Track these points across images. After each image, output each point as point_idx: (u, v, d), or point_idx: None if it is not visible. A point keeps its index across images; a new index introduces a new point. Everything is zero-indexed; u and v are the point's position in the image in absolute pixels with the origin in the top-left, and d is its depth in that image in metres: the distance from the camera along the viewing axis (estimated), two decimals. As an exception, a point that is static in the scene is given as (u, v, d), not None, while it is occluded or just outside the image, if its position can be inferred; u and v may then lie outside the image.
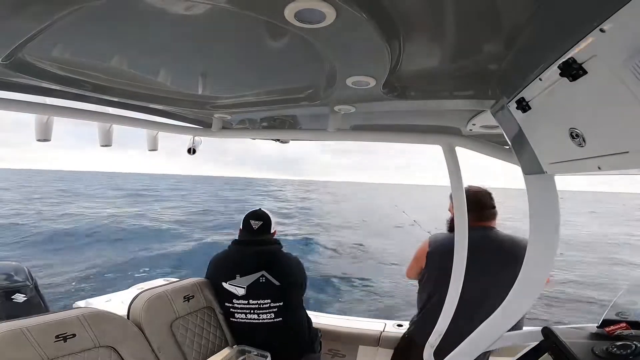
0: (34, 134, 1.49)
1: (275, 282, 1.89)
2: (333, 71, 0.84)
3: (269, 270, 1.90)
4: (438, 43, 0.71)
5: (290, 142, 2.02)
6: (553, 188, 0.97)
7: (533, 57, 0.67)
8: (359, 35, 0.63)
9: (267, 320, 1.88)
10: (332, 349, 2.41)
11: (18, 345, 1.17)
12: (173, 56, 0.89)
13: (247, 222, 2.05)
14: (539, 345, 1.12)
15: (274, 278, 1.89)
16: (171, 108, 1.48)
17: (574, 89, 0.59)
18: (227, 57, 0.89)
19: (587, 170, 0.70)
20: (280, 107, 1.30)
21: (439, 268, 1.82)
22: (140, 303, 1.63)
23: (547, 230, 1.02)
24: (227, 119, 1.60)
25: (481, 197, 1.90)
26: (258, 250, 1.97)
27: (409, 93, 1.01)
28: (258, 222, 2.03)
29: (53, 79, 1.00)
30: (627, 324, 1.04)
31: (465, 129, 1.39)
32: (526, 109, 0.79)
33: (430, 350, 1.64)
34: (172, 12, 0.64)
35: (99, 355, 1.36)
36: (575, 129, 0.65)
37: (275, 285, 1.89)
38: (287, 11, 0.54)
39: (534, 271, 1.08)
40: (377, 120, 1.53)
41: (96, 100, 1.31)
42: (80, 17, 0.64)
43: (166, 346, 1.62)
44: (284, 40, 0.73)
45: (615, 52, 0.48)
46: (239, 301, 1.89)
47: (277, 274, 1.91)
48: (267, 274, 1.89)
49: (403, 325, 2.40)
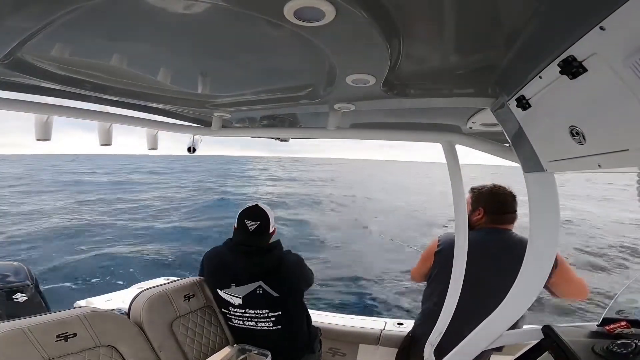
0: (34, 133, 1.49)
1: (273, 293, 1.75)
2: (333, 69, 0.84)
3: (266, 281, 1.75)
4: (438, 41, 0.71)
5: (290, 140, 2.02)
6: (553, 186, 0.97)
7: (533, 55, 0.67)
8: (358, 33, 0.63)
9: (266, 328, 1.80)
10: (333, 348, 2.42)
11: (19, 345, 1.17)
12: (173, 55, 0.89)
13: (242, 222, 1.80)
14: (539, 344, 1.12)
15: (272, 289, 1.75)
16: (171, 107, 1.48)
17: (574, 86, 0.59)
18: (226, 56, 0.89)
19: (587, 168, 0.70)
20: (280, 106, 1.30)
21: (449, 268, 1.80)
22: (141, 302, 1.63)
23: (547, 228, 1.02)
24: (227, 118, 1.60)
25: (506, 200, 1.83)
26: (255, 259, 1.76)
27: (408, 91, 1.01)
28: (255, 223, 1.78)
29: (52, 78, 1.00)
30: (627, 323, 1.04)
31: (466, 127, 1.39)
32: (526, 107, 0.79)
33: (430, 348, 1.64)
34: (172, 10, 0.64)
35: (99, 354, 1.36)
36: (575, 127, 0.65)
37: (273, 297, 1.75)
38: (287, 9, 0.54)
39: (534, 269, 1.08)
40: (377, 118, 1.53)
41: (96, 100, 1.31)
42: (79, 16, 0.64)
43: (167, 345, 1.62)
44: (283, 38, 0.72)
45: (615, 50, 0.48)
46: (235, 309, 1.81)
47: (276, 284, 1.76)
48: (264, 285, 1.74)
49: (404, 323, 2.41)
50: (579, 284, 1.70)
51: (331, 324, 2.42)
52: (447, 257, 1.83)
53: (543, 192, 0.99)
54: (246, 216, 1.81)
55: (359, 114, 1.36)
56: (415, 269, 2.06)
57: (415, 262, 2.08)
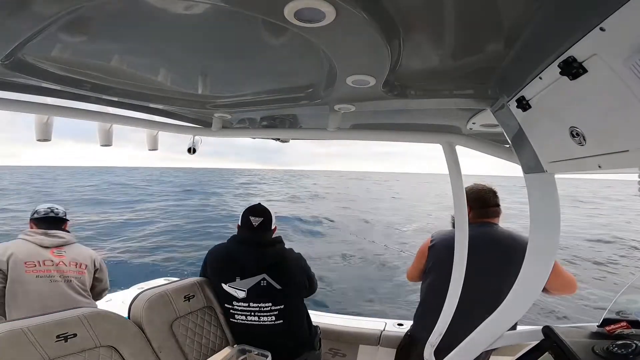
0: (34, 134, 1.49)
1: (276, 285, 1.83)
2: (333, 70, 0.84)
3: (270, 274, 1.83)
4: (438, 42, 0.71)
5: (290, 141, 2.02)
6: (553, 187, 0.97)
7: (533, 55, 0.67)
8: (358, 34, 0.63)
9: (268, 322, 1.84)
10: (333, 348, 2.42)
11: (19, 345, 1.17)
12: (173, 55, 0.89)
13: (246, 219, 1.92)
14: (539, 344, 1.12)
15: (275, 282, 1.82)
16: (171, 107, 1.48)
17: (574, 87, 0.59)
18: (227, 57, 0.89)
19: (587, 169, 0.70)
20: (280, 107, 1.30)
21: (441, 263, 1.82)
22: (141, 303, 1.63)
23: (547, 229, 1.02)
24: (227, 118, 1.60)
25: (485, 195, 1.91)
26: (259, 251, 1.86)
27: (409, 92, 1.01)
28: (258, 219, 1.90)
29: (53, 78, 1.00)
30: (627, 323, 1.04)
31: (466, 127, 1.39)
32: (526, 107, 0.79)
33: (430, 349, 1.64)
34: (172, 11, 0.64)
35: (99, 355, 1.36)
36: (575, 128, 0.65)
37: (276, 289, 1.83)
38: (287, 10, 0.54)
39: (534, 270, 1.08)
40: (377, 119, 1.53)
41: (96, 100, 1.31)
42: (79, 17, 0.64)
43: (167, 346, 1.62)
44: (283, 39, 0.73)
45: (615, 50, 0.48)
46: (239, 303, 1.85)
47: (279, 277, 1.84)
48: (268, 277, 1.82)
49: (404, 324, 2.41)
50: (567, 278, 1.73)
51: (331, 325, 2.42)
52: (440, 250, 1.90)
53: (543, 193, 0.99)
54: (250, 213, 1.94)
55: (359, 115, 1.36)
56: (411, 268, 2.09)
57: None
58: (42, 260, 2.10)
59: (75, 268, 2.23)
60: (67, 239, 2.28)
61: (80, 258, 2.29)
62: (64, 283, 2.14)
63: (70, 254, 2.24)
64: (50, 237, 2.21)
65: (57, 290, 2.09)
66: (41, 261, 2.10)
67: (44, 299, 2.03)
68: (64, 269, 2.17)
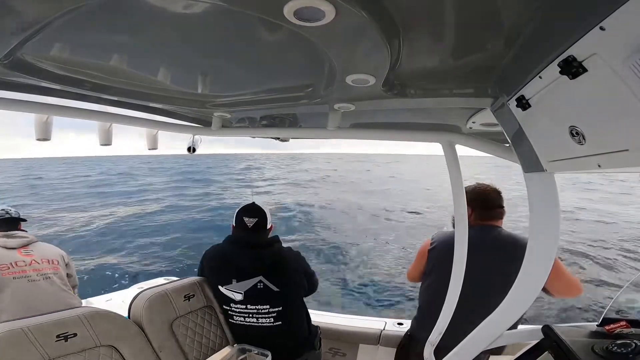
0: (34, 133, 1.49)
1: (274, 288, 1.79)
2: (333, 69, 0.84)
3: (267, 276, 1.79)
4: (438, 41, 0.71)
5: (290, 140, 2.02)
6: (553, 186, 0.97)
7: (533, 55, 0.67)
8: (358, 33, 0.63)
9: (267, 324, 1.82)
10: (333, 348, 2.42)
11: (19, 345, 1.17)
12: (172, 55, 0.89)
13: (240, 220, 1.86)
14: (539, 344, 1.12)
15: (272, 284, 1.79)
16: (171, 107, 1.48)
17: (574, 87, 0.59)
18: (226, 56, 0.89)
19: (587, 168, 0.70)
20: (280, 106, 1.30)
21: (441, 265, 1.81)
22: (141, 302, 1.63)
23: (547, 228, 1.02)
24: (226, 118, 1.60)
25: (488, 195, 1.86)
26: (255, 253, 1.81)
27: (408, 91, 1.01)
28: (252, 220, 1.84)
29: (52, 78, 0.99)
30: (627, 323, 1.04)
31: (465, 126, 1.39)
32: (526, 107, 0.79)
33: (430, 348, 1.64)
34: (172, 10, 0.63)
35: (100, 354, 1.36)
36: (575, 127, 0.65)
37: (273, 291, 1.79)
38: (287, 9, 0.54)
39: (534, 269, 1.08)
40: (377, 118, 1.53)
41: (96, 99, 1.31)
42: (79, 16, 0.63)
43: (167, 345, 1.62)
44: (283, 38, 0.72)
45: (615, 50, 0.48)
46: (236, 305, 1.83)
47: (276, 279, 1.80)
48: (265, 279, 1.78)
49: (404, 323, 2.41)
50: (571, 280, 1.70)
51: (331, 324, 2.42)
52: (440, 252, 1.88)
53: (543, 192, 0.99)
54: (244, 214, 1.87)
55: (359, 114, 1.36)
56: (411, 269, 2.08)
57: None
58: (14, 261, 2.07)
59: (48, 265, 2.20)
60: (30, 238, 2.26)
61: (50, 255, 2.26)
62: (43, 281, 2.11)
63: (38, 252, 2.21)
64: (13, 238, 2.18)
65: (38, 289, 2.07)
66: (13, 263, 2.06)
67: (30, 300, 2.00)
68: (38, 267, 2.13)
